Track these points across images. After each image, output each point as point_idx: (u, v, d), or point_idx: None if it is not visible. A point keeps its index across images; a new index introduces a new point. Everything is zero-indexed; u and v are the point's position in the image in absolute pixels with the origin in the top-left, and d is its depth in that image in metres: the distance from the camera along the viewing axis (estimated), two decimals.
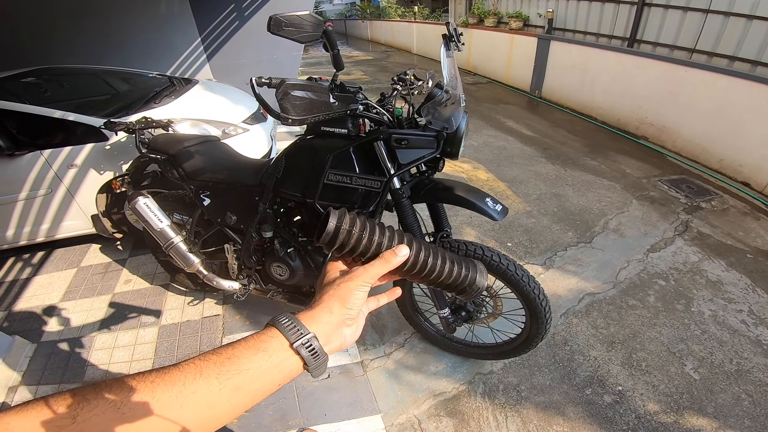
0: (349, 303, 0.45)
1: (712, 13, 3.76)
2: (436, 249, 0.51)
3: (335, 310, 0.44)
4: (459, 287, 0.52)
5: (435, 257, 0.50)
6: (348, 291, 0.45)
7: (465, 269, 0.51)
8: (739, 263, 2.39)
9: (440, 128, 1.24)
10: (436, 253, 0.50)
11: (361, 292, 0.46)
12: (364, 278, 0.46)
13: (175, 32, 4.53)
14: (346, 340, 0.46)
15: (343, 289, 0.45)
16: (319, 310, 0.44)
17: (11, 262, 2.78)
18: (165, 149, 1.80)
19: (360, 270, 0.47)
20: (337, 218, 0.46)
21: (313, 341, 0.42)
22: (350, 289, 0.45)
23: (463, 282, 0.51)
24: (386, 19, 13.84)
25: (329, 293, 0.45)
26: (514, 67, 6.51)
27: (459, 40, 1.36)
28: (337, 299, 0.45)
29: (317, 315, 0.44)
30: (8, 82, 2.64)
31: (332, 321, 0.44)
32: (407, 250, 0.48)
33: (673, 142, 3.97)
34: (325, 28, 1.04)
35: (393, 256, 0.47)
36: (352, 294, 0.45)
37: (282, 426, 1.60)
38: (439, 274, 0.50)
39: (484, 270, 0.53)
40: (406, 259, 0.48)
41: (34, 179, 2.34)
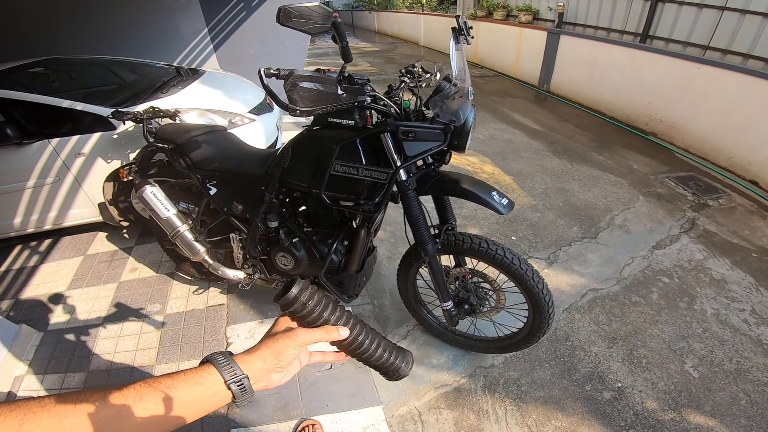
0: (281, 356, 0.52)
1: (728, 11, 3.69)
2: (374, 337, 0.60)
3: (267, 360, 0.52)
4: (384, 371, 0.61)
5: (371, 344, 0.59)
6: (283, 347, 0.52)
7: (393, 359, 0.60)
8: (744, 262, 2.37)
9: (448, 121, 1.24)
10: (372, 340, 0.59)
11: (294, 350, 0.53)
12: (300, 340, 0.53)
13: (182, 23, 4.52)
14: (272, 383, 0.53)
15: (280, 344, 0.52)
16: (255, 357, 0.51)
17: (18, 250, 2.82)
18: (172, 139, 1.81)
19: (300, 332, 0.54)
20: (299, 289, 0.54)
21: (244, 381, 0.49)
22: (286, 345, 0.52)
23: (388, 368, 0.61)
24: (393, 11, 13.71)
25: (267, 344, 0.53)
26: (523, 60, 6.44)
27: (468, 33, 1.35)
28: (271, 352, 0.52)
29: (251, 360, 0.51)
30: (17, 73, 2.65)
31: (263, 367, 0.51)
32: (347, 333, 0.56)
33: (682, 139, 3.92)
34: (335, 19, 1.03)
35: (334, 331, 0.55)
36: (286, 350, 0.52)
37: (284, 416, 1.62)
38: (369, 357, 0.59)
39: (410, 363, 0.63)
40: (343, 339, 0.56)
41: (42, 167, 2.37)
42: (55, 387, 1.81)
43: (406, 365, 0.61)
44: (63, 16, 4.01)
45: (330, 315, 0.56)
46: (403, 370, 0.61)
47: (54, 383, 1.83)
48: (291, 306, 0.54)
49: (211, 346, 1.95)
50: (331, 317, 0.56)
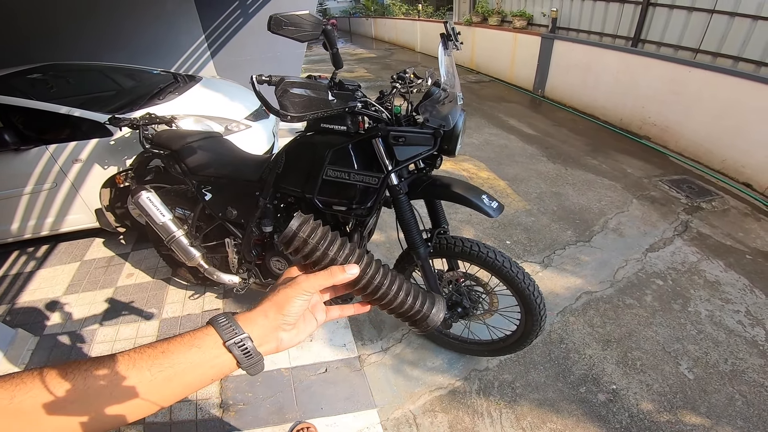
0: (285, 309, 0.45)
1: (717, 14, 3.74)
2: (394, 277, 0.51)
3: (270, 315, 0.45)
4: (411, 319, 0.52)
5: (390, 285, 0.50)
6: (286, 298, 0.45)
7: (420, 304, 0.51)
8: (738, 264, 2.39)
9: (437, 126, 1.26)
10: (393, 281, 0.50)
11: (300, 300, 0.46)
12: (303, 287, 0.46)
13: (179, 30, 4.56)
14: (283, 344, 0.46)
15: (281, 295, 0.46)
16: (256, 313, 0.45)
17: (15, 255, 2.83)
18: (168, 145, 1.83)
19: (301, 278, 0.47)
20: (298, 224, 0.47)
21: (246, 341, 0.43)
22: (288, 296, 0.46)
23: (415, 315, 0.52)
24: (390, 17, 13.82)
25: (269, 298, 0.46)
26: (518, 65, 6.50)
27: (457, 39, 1.38)
28: (274, 305, 0.45)
29: (253, 317, 0.45)
30: (15, 78, 2.67)
31: (267, 324, 0.45)
32: (356, 270, 0.48)
33: (675, 143, 3.96)
34: (325, 27, 1.06)
35: (340, 271, 0.47)
36: (290, 301, 0.45)
37: (278, 419, 1.62)
38: (391, 301, 0.50)
39: (442, 309, 0.53)
40: (354, 278, 0.48)
41: (40, 173, 2.38)
42: None
43: (437, 311, 0.52)
44: (62, 22, 4.04)
45: (337, 253, 0.48)
46: (433, 317, 0.52)
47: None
48: (291, 243, 0.47)
49: None
50: (337, 255, 0.48)
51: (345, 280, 0.47)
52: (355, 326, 2.06)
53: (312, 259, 0.48)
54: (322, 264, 0.48)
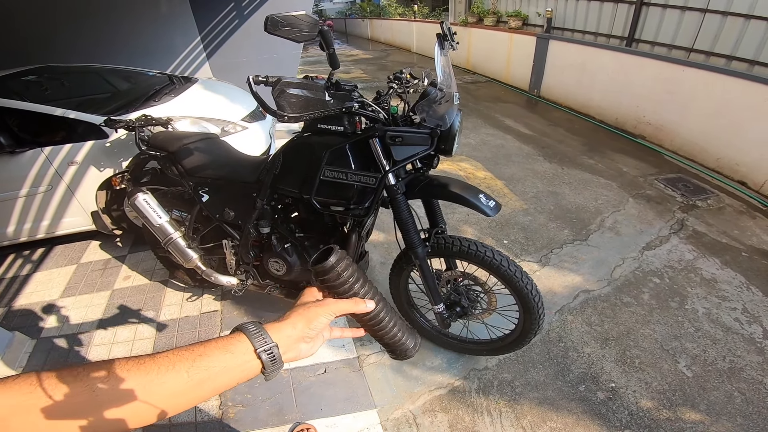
0: (312, 324, 0.52)
1: (710, 13, 3.77)
2: (393, 316, 0.62)
3: (299, 327, 0.51)
4: (393, 349, 0.63)
5: (389, 321, 0.60)
6: (315, 315, 0.53)
7: (405, 339, 0.63)
8: (734, 261, 2.40)
9: (434, 126, 1.26)
10: (391, 319, 0.61)
11: (325, 318, 0.53)
12: (331, 309, 0.54)
13: (175, 31, 4.55)
14: (301, 354, 0.53)
15: (311, 312, 0.53)
16: (285, 324, 0.51)
17: (11, 259, 2.80)
18: (164, 146, 1.82)
19: (331, 302, 0.55)
20: (336, 259, 0.55)
21: (274, 349, 0.48)
22: (317, 314, 0.53)
23: (398, 348, 0.63)
24: (386, 18, 13.84)
25: (298, 312, 0.53)
26: (513, 65, 6.52)
27: (453, 39, 1.38)
28: (303, 318, 0.52)
29: (282, 328, 0.51)
30: (9, 81, 2.66)
31: (293, 335, 0.51)
32: (373, 306, 0.58)
33: (670, 141, 3.98)
34: (321, 27, 1.05)
35: (362, 304, 0.57)
36: (317, 318, 0.53)
37: (278, 420, 1.62)
38: (385, 334, 0.61)
39: (418, 346, 0.65)
40: (369, 312, 0.58)
41: (35, 176, 2.37)
42: None
43: (413, 347, 0.64)
44: (58, 24, 4.03)
45: (360, 288, 0.57)
46: (411, 351, 0.64)
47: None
48: (326, 274, 0.55)
49: None
50: (360, 290, 0.57)
51: (363, 311, 0.57)
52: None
53: (338, 290, 0.56)
54: (345, 295, 0.57)
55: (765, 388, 1.67)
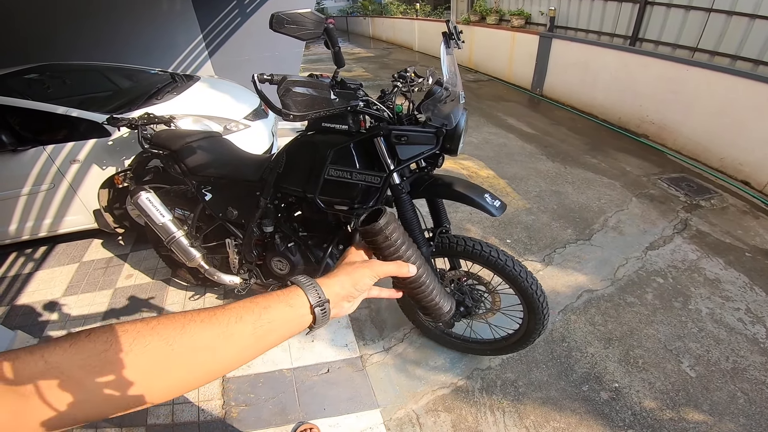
0: (359, 285, 0.53)
1: (715, 12, 3.75)
2: (432, 280, 0.61)
3: (346, 286, 0.52)
4: (428, 312, 0.63)
5: (428, 286, 0.60)
6: (361, 275, 0.53)
7: (442, 304, 0.63)
8: (738, 261, 2.39)
9: (440, 125, 1.25)
10: (431, 283, 0.61)
11: (370, 279, 0.54)
12: (376, 270, 0.54)
13: (177, 29, 4.54)
14: (343, 311, 0.54)
15: (358, 272, 0.53)
16: (334, 281, 0.52)
17: (14, 257, 2.80)
18: (167, 145, 1.82)
19: (376, 263, 0.55)
20: (386, 221, 0.55)
21: (326, 305, 0.49)
22: (363, 274, 0.53)
23: (433, 311, 0.63)
24: (388, 16, 13.81)
25: (346, 270, 0.54)
26: (516, 64, 6.50)
27: (459, 38, 1.37)
28: (351, 279, 0.53)
29: (331, 284, 0.51)
30: (12, 79, 2.65)
31: (340, 293, 0.52)
32: (415, 271, 0.57)
33: (673, 141, 3.97)
34: (327, 25, 1.05)
35: (405, 267, 0.56)
36: (363, 279, 0.53)
37: (281, 420, 1.61)
38: (423, 297, 0.61)
39: (453, 308, 0.65)
40: (412, 276, 0.58)
41: (37, 174, 2.36)
42: None
43: (448, 312, 0.64)
44: (60, 23, 4.01)
45: (405, 251, 0.57)
46: (445, 315, 0.64)
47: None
48: (375, 236, 0.55)
49: None
50: (405, 253, 0.57)
51: (406, 275, 0.57)
52: (357, 326, 2.05)
53: (384, 253, 0.56)
54: (391, 257, 0.56)
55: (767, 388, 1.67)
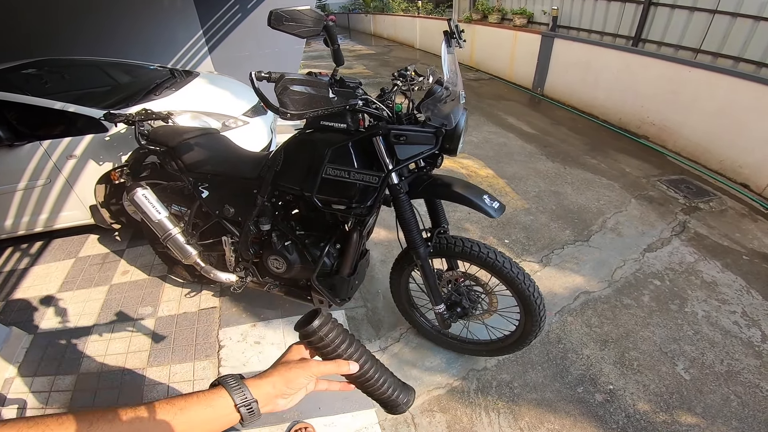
0: (292, 384, 0.54)
1: (719, 14, 3.74)
2: (382, 373, 0.62)
3: (278, 387, 0.53)
4: (384, 404, 0.63)
5: (378, 380, 0.61)
6: (295, 375, 0.54)
7: (396, 396, 0.62)
8: (735, 264, 2.39)
9: (439, 125, 1.24)
10: (380, 377, 0.61)
11: (305, 379, 0.55)
12: (312, 371, 0.55)
13: (177, 25, 4.52)
14: (278, 407, 0.55)
15: (293, 373, 0.55)
16: (265, 382, 0.53)
17: (9, 252, 2.79)
18: (164, 141, 1.81)
19: (313, 364, 0.56)
20: (320, 323, 0.56)
21: (254, 405, 0.51)
22: (298, 375, 0.55)
23: (389, 403, 0.62)
24: (389, 14, 13.76)
25: (279, 371, 0.55)
26: (517, 63, 6.48)
27: (460, 37, 1.36)
28: (283, 380, 0.54)
29: (262, 385, 0.53)
30: (10, 74, 2.63)
31: (272, 393, 0.53)
32: (356, 368, 0.58)
33: (674, 142, 3.96)
34: (326, 23, 1.03)
35: (345, 366, 0.57)
36: (297, 379, 0.54)
37: (276, 419, 1.61)
38: (374, 390, 0.61)
39: (411, 401, 0.64)
40: (355, 373, 0.59)
41: (33, 169, 2.35)
42: (45, 389, 1.79)
43: (406, 404, 0.63)
44: (61, 18, 3.99)
45: (345, 349, 0.58)
46: (402, 407, 0.63)
47: (44, 386, 1.81)
48: (310, 337, 0.56)
49: (203, 348, 1.93)
50: (345, 351, 0.58)
51: (346, 373, 0.58)
52: (354, 325, 2.05)
53: (322, 351, 0.58)
54: (330, 356, 0.58)
55: (761, 391, 1.68)
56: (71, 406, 1.72)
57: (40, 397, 1.77)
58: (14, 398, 1.76)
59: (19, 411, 1.70)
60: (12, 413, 1.69)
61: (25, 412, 1.70)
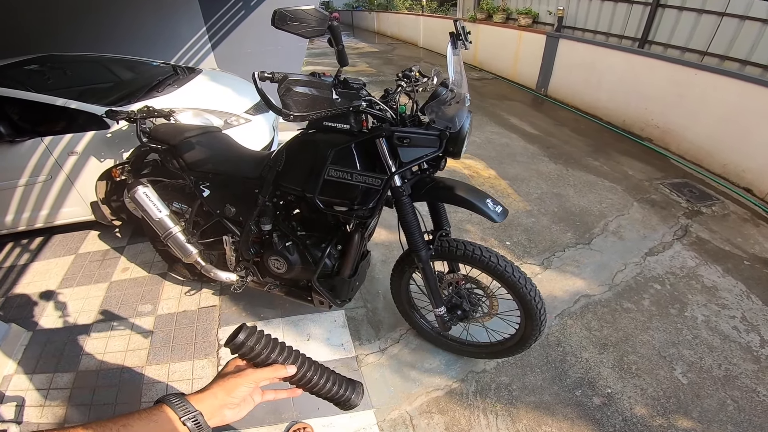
0: (233, 393, 0.57)
1: (728, 17, 3.71)
2: (323, 372, 0.65)
3: (220, 396, 0.56)
4: (336, 402, 0.66)
5: (319, 378, 0.64)
6: (234, 385, 0.57)
7: (343, 391, 0.65)
8: (736, 269, 2.39)
9: (443, 127, 1.23)
10: (321, 375, 0.64)
11: (245, 387, 0.58)
12: (251, 379, 0.59)
13: (180, 21, 4.51)
14: (227, 419, 0.57)
15: (230, 383, 0.57)
16: (207, 394, 0.56)
17: (9, 248, 2.79)
18: (166, 139, 1.80)
19: (249, 371, 0.60)
20: (246, 335, 0.60)
21: (199, 417, 0.52)
22: (237, 384, 0.58)
23: (339, 399, 0.65)
24: (393, 12, 13.71)
25: (219, 383, 0.58)
26: (521, 64, 6.45)
27: (466, 38, 1.35)
28: (222, 390, 0.57)
29: (203, 398, 0.55)
30: (11, 70, 2.63)
31: (215, 403, 0.55)
32: (294, 370, 0.62)
33: (677, 145, 3.95)
34: (331, 22, 1.03)
35: (281, 369, 0.61)
36: (237, 388, 0.57)
37: (274, 419, 1.61)
38: (320, 390, 0.64)
39: (361, 394, 0.67)
40: (291, 375, 0.62)
41: (35, 166, 2.35)
42: (44, 387, 1.79)
43: (356, 396, 0.66)
44: (62, 13, 3.98)
45: (278, 356, 0.61)
46: (354, 401, 0.66)
47: (42, 383, 1.81)
48: (240, 349, 0.59)
49: (203, 347, 1.94)
50: (279, 357, 0.61)
51: (284, 376, 0.61)
52: (353, 326, 2.05)
53: (256, 361, 0.61)
54: (265, 363, 0.61)
55: (758, 396, 1.68)
56: (70, 404, 1.72)
57: (38, 395, 1.77)
58: (12, 395, 1.77)
59: (17, 408, 1.71)
60: (10, 411, 1.70)
61: (23, 410, 1.70)
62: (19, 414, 1.69)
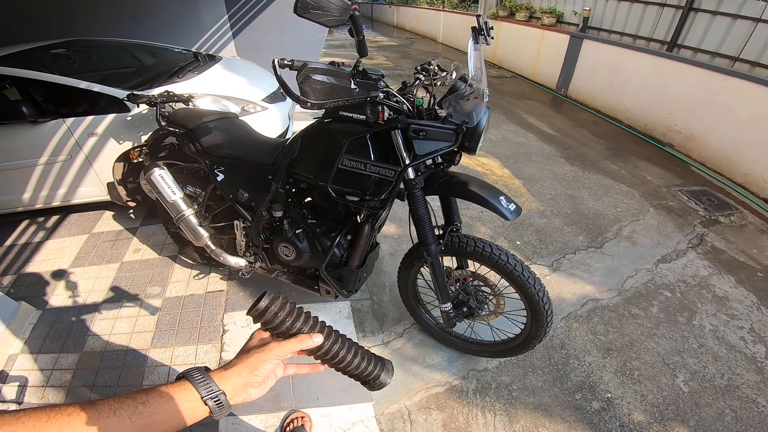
0: (257, 371, 0.53)
1: (763, 22, 3.59)
2: (351, 345, 0.60)
3: (244, 375, 0.53)
4: (364, 380, 0.61)
5: (347, 352, 0.59)
6: (258, 361, 0.54)
7: (372, 368, 0.60)
8: (749, 280, 2.33)
9: (460, 122, 1.22)
10: (349, 349, 0.59)
11: (270, 363, 0.54)
12: (275, 353, 0.54)
13: (203, 9, 4.55)
14: (250, 397, 0.54)
15: (254, 359, 0.54)
16: (231, 372, 0.52)
17: (25, 225, 2.86)
18: (184, 123, 1.83)
19: (274, 345, 0.55)
20: (269, 301, 0.56)
21: (221, 396, 0.50)
22: (261, 360, 0.54)
23: (367, 377, 0.60)
24: (413, 6, 13.59)
25: (242, 360, 0.54)
26: (542, 63, 6.34)
27: (489, 34, 1.33)
28: (247, 367, 0.53)
29: (228, 376, 0.52)
30: (39, 53, 2.69)
31: (239, 382, 0.52)
32: (320, 339, 0.57)
33: (699, 152, 3.84)
34: (352, 12, 1.03)
35: (308, 339, 0.56)
36: (262, 364, 0.54)
37: (274, 407, 1.63)
38: (346, 366, 0.59)
39: (391, 372, 0.62)
40: (318, 345, 0.57)
41: (55, 145, 2.41)
42: (48, 368, 1.81)
43: (386, 374, 0.61)
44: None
45: (303, 325, 0.57)
46: (383, 379, 0.61)
47: (47, 364, 1.83)
48: (263, 317, 0.55)
49: (207, 332, 1.96)
50: (304, 327, 0.57)
51: (311, 346, 0.56)
52: (358, 317, 2.06)
53: (280, 330, 0.56)
54: (290, 333, 0.56)
55: (757, 406, 1.65)
56: (72, 386, 1.73)
57: (41, 375, 1.78)
58: (16, 375, 1.78)
59: (19, 389, 1.72)
60: (12, 391, 1.71)
61: (25, 390, 1.72)
62: (21, 395, 1.70)
